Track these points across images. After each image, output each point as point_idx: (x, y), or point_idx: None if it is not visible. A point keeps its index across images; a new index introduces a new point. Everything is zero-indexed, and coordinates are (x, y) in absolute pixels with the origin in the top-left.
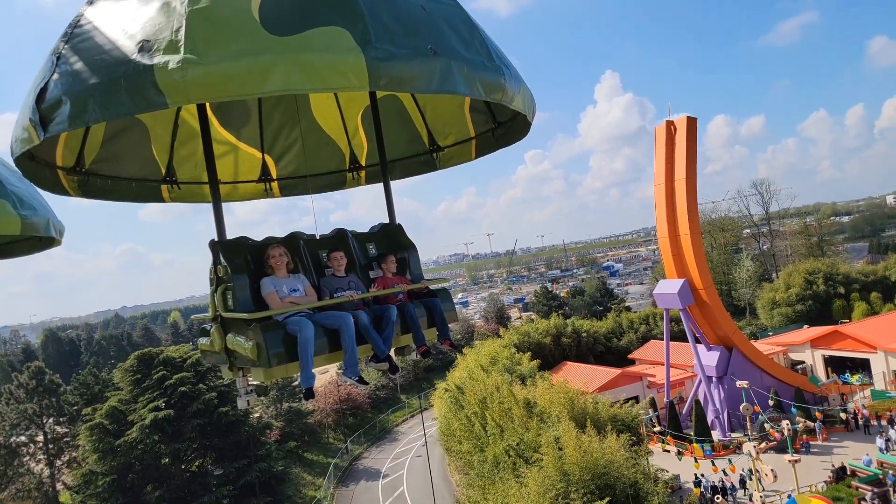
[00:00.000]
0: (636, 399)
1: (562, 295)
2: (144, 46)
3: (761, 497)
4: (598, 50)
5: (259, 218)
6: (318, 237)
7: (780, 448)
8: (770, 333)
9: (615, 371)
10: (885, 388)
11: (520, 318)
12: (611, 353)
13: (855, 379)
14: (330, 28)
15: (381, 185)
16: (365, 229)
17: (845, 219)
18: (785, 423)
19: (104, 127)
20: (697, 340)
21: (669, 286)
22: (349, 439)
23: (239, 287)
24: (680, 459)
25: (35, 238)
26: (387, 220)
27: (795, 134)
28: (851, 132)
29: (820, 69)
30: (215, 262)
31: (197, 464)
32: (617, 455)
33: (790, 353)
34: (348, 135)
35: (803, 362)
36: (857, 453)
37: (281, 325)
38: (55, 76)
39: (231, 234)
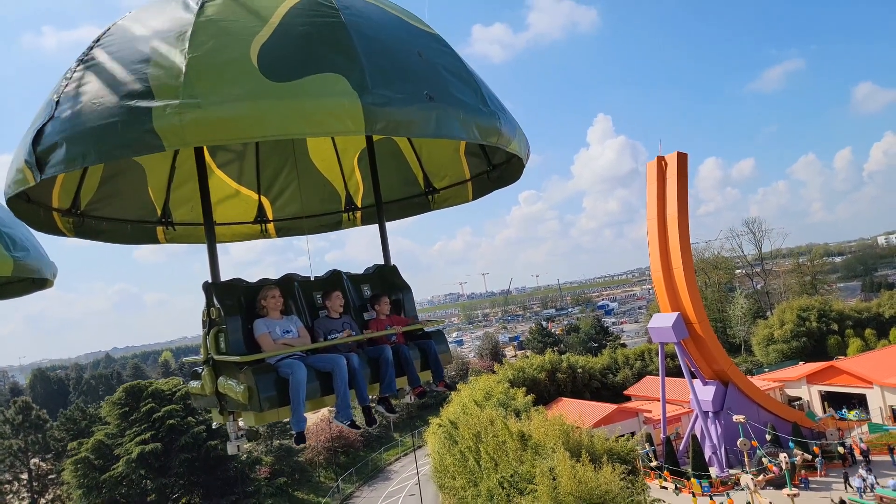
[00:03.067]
0: (632, 434)
1: (557, 332)
2: (143, 91)
3: None
4: (590, 94)
5: (254, 258)
6: (312, 278)
7: (779, 484)
8: (766, 370)
9: (611, 406)
10: (883, 422)
11: (515, 355)
12: (606, 388)
13: (852, 414)
14: (327, 74)
15: (374, 226)
16: (360, 269)
17: (837, 259)
18: (783, 457)
19: (101, 169)
20: (693, 375)
21: (664, 320)
22: (340, 478)
23: (231, 329)
24: (678, 495)
25: (28, 280)
26: (382, 262)
27: (785, 177)
28: (840, 175)
29: (807, 114)
30: (208, 304)
31: (184, 501)
32: (613, 485)
33: (786, 389)
34: (344, 176)
35: (800, 398)
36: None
37: (273, 368)
38: (53, 119)
39: (226, 274)
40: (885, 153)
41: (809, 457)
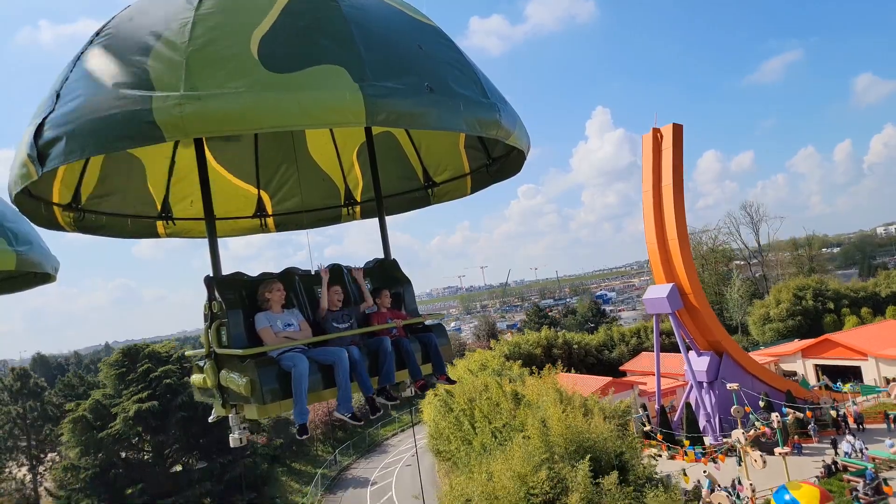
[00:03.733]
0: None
1: (554, 316)
2: (144, 83)
3: (751, 485)
4: (589, 87)
5: (253, 252)
6: (313, 272)
7: (771, 448)
8: (762, 348)
9: (606, 379)
10: (877, 394)
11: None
12: (602, 364)
13: (847, 387)
14: (328, 66)
15: (374, 220)
16: (359, 264)
17: (836, 250)
18: (774, 416)
19: (101, 164)
20: (688, 348)
21: (659, 291)
22: (337, 450)
23: (233, 323)
24: (670, 460)
25: (31, 274)
26: (382, 256)
27: (784, 170)
28: (840, 167)
29: (806, 106)
30: (210, 298)
31: (181, 460)
32: (604, 430)
33: (781, 364)
34: (343, 171)
35: (795, 373)
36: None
37: (275, 361)
38: (53, 112)
39: (225, 269)
40: (885, 145)
41: (801, 415)
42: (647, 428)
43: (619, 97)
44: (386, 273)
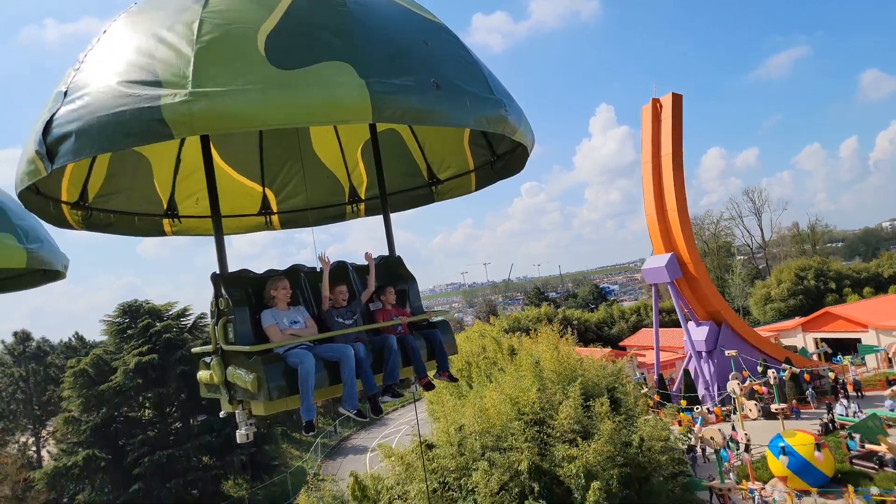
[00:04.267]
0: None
1: (554, 297)
2: (152, 81)
3: (746, 436)
4: (593, 84)
5: (257, 251)
6: (318, 270)
7: (767, 412)
8: (762, 326)
9: (605, 350)
10: (878, 366)
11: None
12: (601, 340)
13: (847, 360)
14: (334, 63)
15: (376, 218)
16: (362, 262)
17: (840, 244)
18: (771, 372)
19: (108, 162)
20: (687, 318)
21: (657, 261)
22: (337, 420)
23: (240, 320)
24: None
25: (40, 271)
26: (386, 253)
27: (790, 167)
28: (846, 164)
29: (812, 102)
30: (217, 295)
31: (179, 414)
32: (595, 364)
33: (782, 339)
34: (348, 168)
35: (795, 347)
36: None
37: (281, 357)
38: (62, 109)
39: (230, 267)
40: (891, 142)
41: (797, 370)
42: (645, 391)
43: (622, 94)
44: (390, 270)
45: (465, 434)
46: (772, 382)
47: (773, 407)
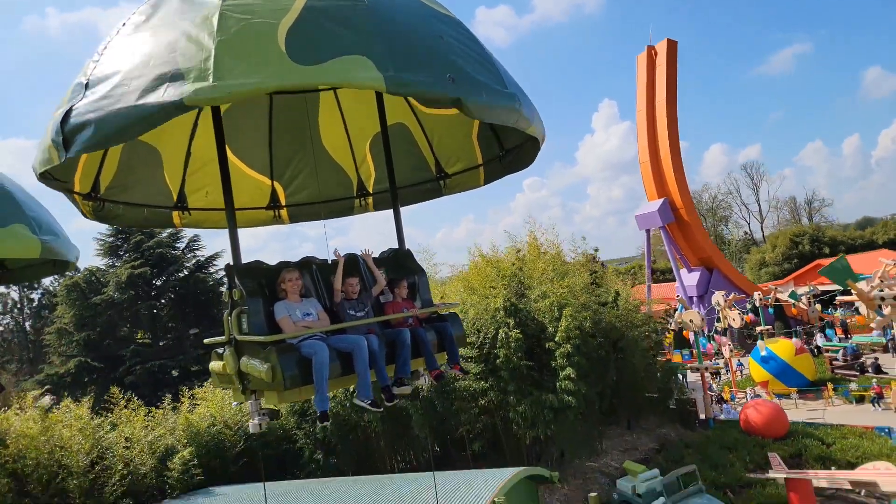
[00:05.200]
0: None
1: None
2: (173, 75)
3: (730, 347)
4: (596, 79)
5: (260, 244)
6: (330, 262)
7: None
8: None
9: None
10: (867, 314)
11: None
12: None
13: (838, 313)
14: (353, 56)
15: (377, 213)
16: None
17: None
18: (757, 295)
19: (119, 154)
20: (679, 266)
21: (650, 206)
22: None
23: (253, 310)
24: None
25: (50, 262)
26: (396, 246)
27: (792, 164)
28: (848, 162)
29: (815, 100)
30: (230, 286)
31: (172, 326)
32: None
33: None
34: (356, 162)
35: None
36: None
37: (296, 348)
38: (82, 101)
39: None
40: (893, 140)
41: (782, 289)
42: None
43: (626, 89)
44: (400, 263)
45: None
46: (758, 304)
47: (759, 329)
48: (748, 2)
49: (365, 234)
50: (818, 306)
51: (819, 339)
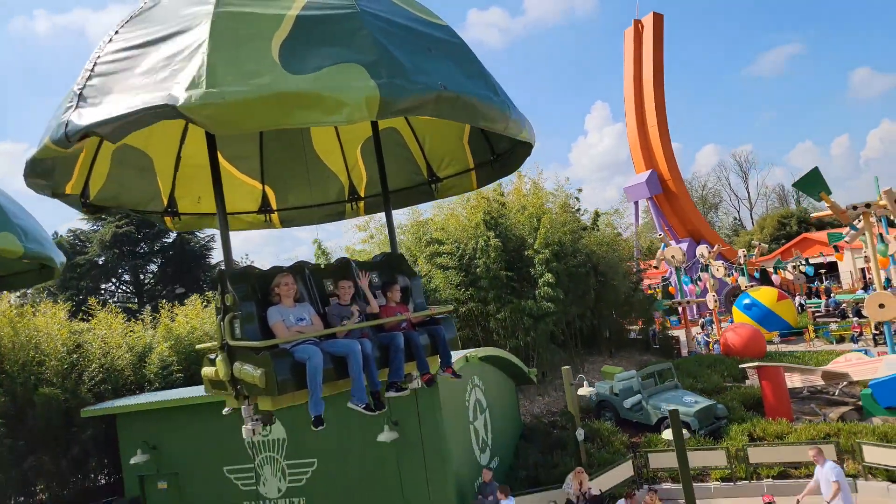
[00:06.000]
0: None
1: None
2: (165, 80)
3: (714, 297)
4: (588, 81)
5: (252, 248)
6: (323, 266)
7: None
8: None
9: None
10: (852, 284)
11: None
12: None
13: (823, 287)
14: (347, 65)
15: (364, 217)
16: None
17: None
18: (741, 252)
19: (110, 159)
20: (668, 237)
21: (638, 178)
22: None
23: (246, 315)
24: None
25: (35, 270)
26: (389, 250)
27: (783, 164)
28: (837, 162)
29: (804, 100)
30: (223, 291)
31: (156, 281)
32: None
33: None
34: (348, 167)
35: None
36: None
37: (289, 353)
38: (77, 111)
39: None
40: (881, 140)
41: (766, 246)
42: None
43: (618, 91)
44: (392, 266)
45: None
46: (742, 261)
47: (744, 283)
48: (736, 3)
49: (357, 237)
50: (803, 276)
51: (802, 300)
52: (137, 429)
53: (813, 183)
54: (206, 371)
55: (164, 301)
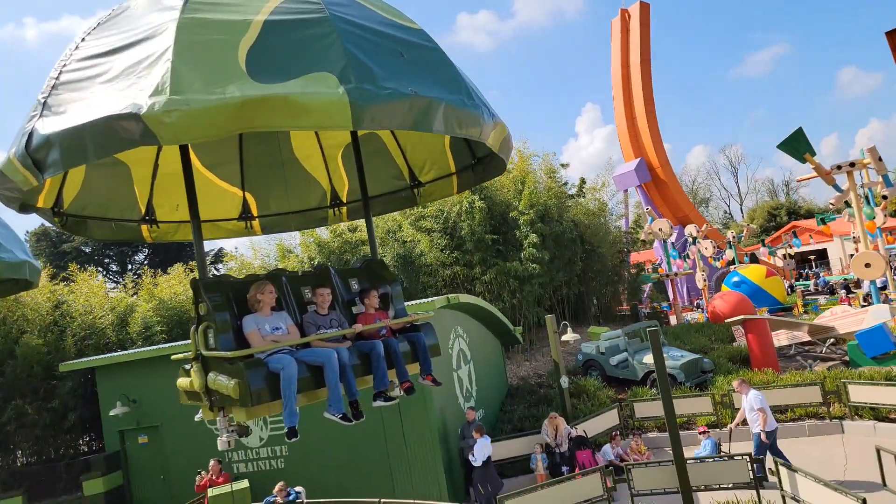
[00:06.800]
0: None
1: None
2: (130, 88)
3: (704, 276)
4: (578, 83)
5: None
6: (300, 273)
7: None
8: None
9: None
10: (842, 270)
11: None
12: None
13: (812, 274)
14: (315, 73)
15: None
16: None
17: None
18: (731, 232)
19: (84, 169)
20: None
21: (627, 166)
22: None
23: (220, 325)
24: None
25: (11, 280)
26: (369, 256)
27: (773, 164)
28: (827, 162)
29: (793, 99)
30: (197, 301)
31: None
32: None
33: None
34: (329, 173)
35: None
36: None
37: (263, 363)
38: (42, 120)
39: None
40: (870, 139)
41: (755, 226)
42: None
43: (608, 93)
44: (373, 273)
45: None
46: (731, 240)
47: (726, 258)
48: (723, 5)
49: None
50: (792, 261)
51: (792, 282)
52: (117, 382)
53: (797, 143)
54: (182, 382)
55: (147, 267)
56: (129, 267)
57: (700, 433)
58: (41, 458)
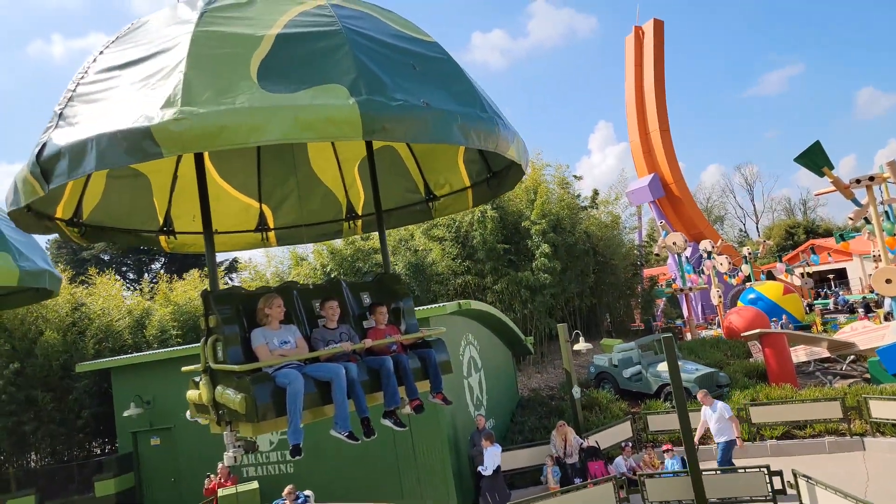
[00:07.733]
0: None
1: None
2: (142, 102)
3: (719, 292)
4: (591, 101)
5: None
6: (311, 286)
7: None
8: None
9: None
10: (862, 290)
11: None
12: None
13: (832, 294)
14: (326, 85)
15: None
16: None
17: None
18: (745, 249)
19: (105, 180)
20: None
21: (640, 182)
22: None
23: (230, 338)
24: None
25: (32, 290)
26: (383, 270)
27: (790, 183)
28: (846, 181)
29: (810, 119)
30: (207, 313)
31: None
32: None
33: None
34: (346, 185)
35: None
36: None
37: (271, 377)
38: (57, 130)
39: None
40: (889, 160)
41: (771, 242)
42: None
43: (621, 111)
44: (385, 287)
45: None
46: (745, 254)
47: (744, 273)
48: (738, 24)
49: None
50: (810, 280)
51: (810, 302)
52: (132, 384)
53: (815, 157)
54: (191, 394)
55: (163, 272)
56: (146, 276)
57: (665, 451)
58: (55, 458)
